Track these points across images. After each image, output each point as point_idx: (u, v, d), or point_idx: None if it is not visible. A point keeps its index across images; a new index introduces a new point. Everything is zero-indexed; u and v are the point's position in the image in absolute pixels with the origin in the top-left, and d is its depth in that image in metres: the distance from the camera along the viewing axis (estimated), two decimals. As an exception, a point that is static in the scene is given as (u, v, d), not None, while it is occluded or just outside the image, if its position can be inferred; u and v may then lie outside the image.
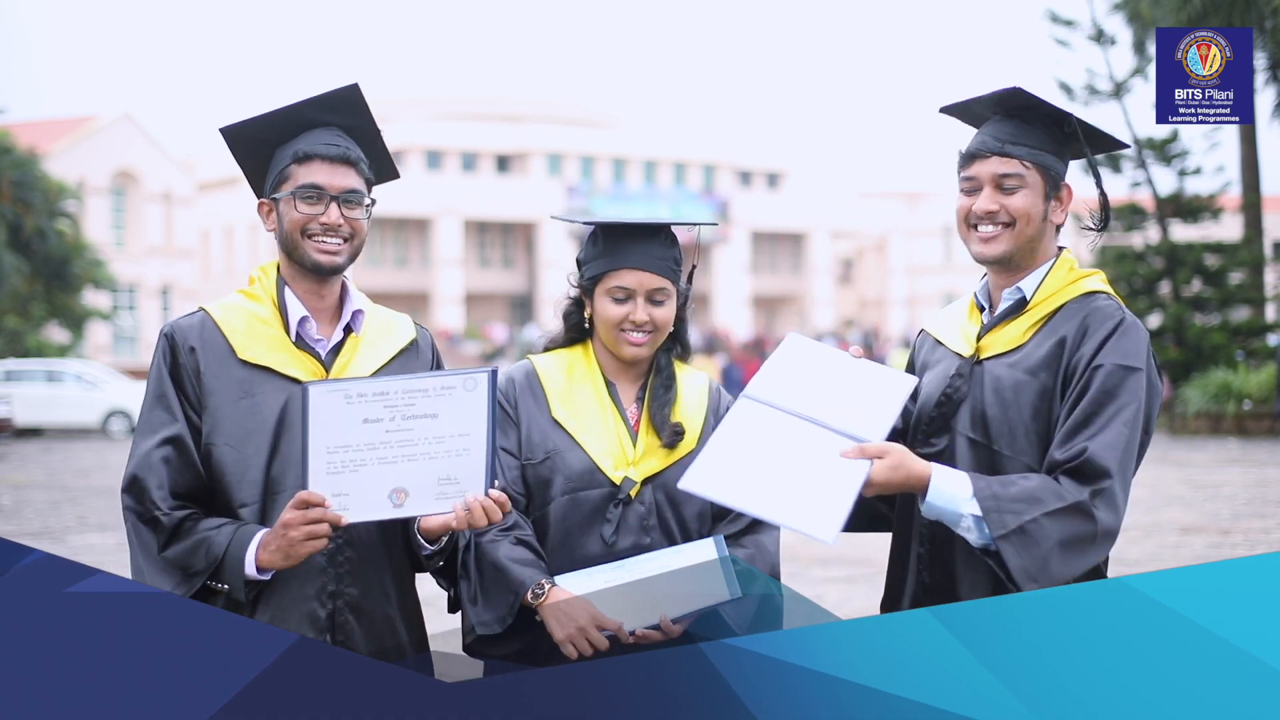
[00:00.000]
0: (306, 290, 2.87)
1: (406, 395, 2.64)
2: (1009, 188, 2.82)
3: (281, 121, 2.87)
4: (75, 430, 28.53)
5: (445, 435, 2.66)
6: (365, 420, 2.62)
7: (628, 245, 2.99)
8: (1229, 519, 12.06)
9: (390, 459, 2.64)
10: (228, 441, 2.77)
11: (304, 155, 2.83)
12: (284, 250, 2.87)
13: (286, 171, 2.84)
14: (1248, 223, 25.59)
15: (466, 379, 2.67)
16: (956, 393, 2.86)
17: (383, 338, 2.94)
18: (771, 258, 65.56)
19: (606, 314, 2.99)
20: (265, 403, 2.79)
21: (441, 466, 2.66)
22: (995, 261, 2.85)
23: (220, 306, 2.88)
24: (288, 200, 2.83)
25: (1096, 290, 2.84)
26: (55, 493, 16.61)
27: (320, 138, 2.85)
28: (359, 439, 2.61)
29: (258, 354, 2.81)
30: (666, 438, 2.97)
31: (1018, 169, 2.81)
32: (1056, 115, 2.86)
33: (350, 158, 2.85)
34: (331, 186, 2.82)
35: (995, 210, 2.82)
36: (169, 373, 2.79)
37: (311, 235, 2.82)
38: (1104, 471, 2.63)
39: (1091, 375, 2.71)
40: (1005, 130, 2.84)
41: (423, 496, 2.66)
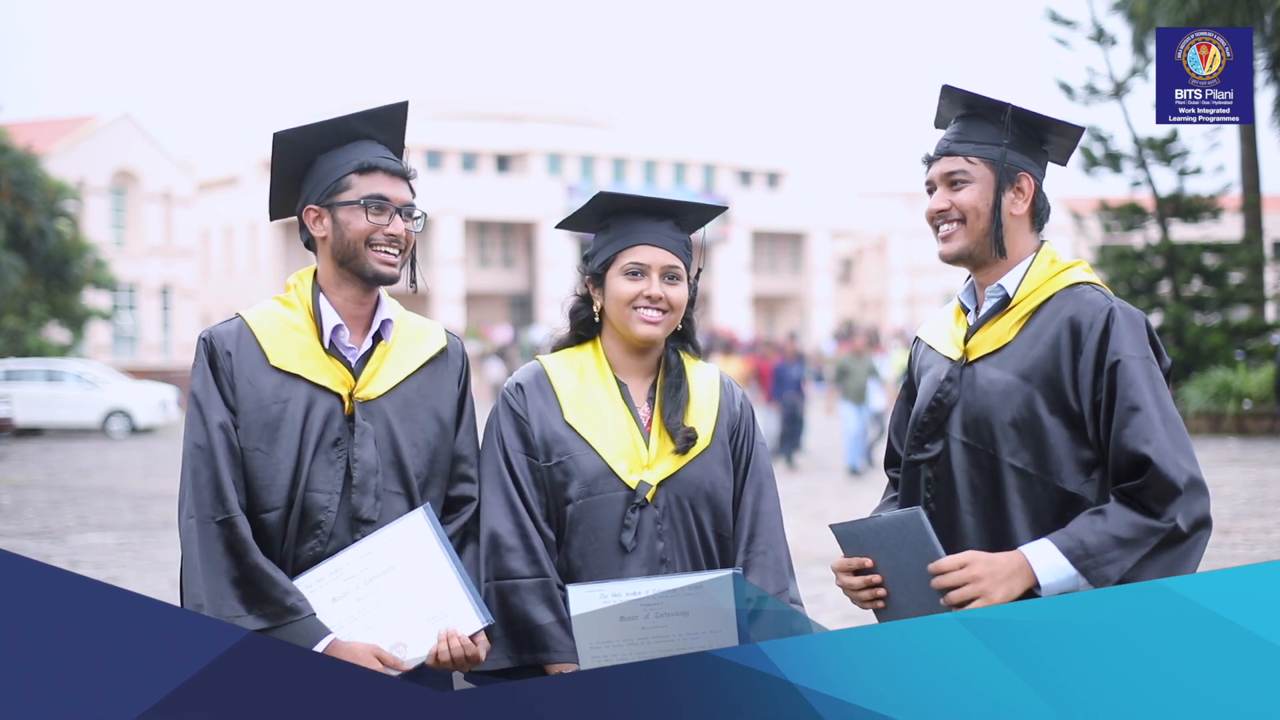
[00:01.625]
0: (349, 298, 2.90)
1: (359, 562, 2.75)
2: (956, 184, 2.86)
3: (330, 131, 2.90)
4: (75, 430, 28.52)
5: (411, 579, 2.75)
6: (334, 599, 2.73)
7: (641, 224, 3.00)
8: (1229, 519, 12.05)
9: (375, 622, 2.74)
10: (258, 446, 2.79)
11: (368, 166, 2.87)
12: (338, 258, 2.88)
13: (346, 180, 2.87)
14: (1248, 223, 25.57)
15: (404, 524, 2.78)
16: (948, 397, 2.85)
17: (411, 346, 2.96)
18: (771, 257, 65.50)
19: (620, 292, 2.97)
20: (295, 410, 2.81)
21: (424, 608, 2.75)
22: (955, 259, 2.88)
23: (256, 313, 2.91)
24: (352, 209, 2.86)
25: (1081, 281, 2.83)
26: (55, 493, 16.60)
27: (371, 150, 2.90)
28: (337, 618, 2.72)
29: (289, 361, 2.84)
30: (680, 443, 2.96)
31: (962, 165, 2.85)
32: (994, 107, 2.86)
33: (406, 173, 2.93)
34: (395, 199, 2.88)
35: (946, 208, 2.87)
36: (211, 375, 2.82)
37: (375, 245, 2.86)
38: (1174, 484, 2.61)
39: (1112, 375, 2.69)
40: (954, 130, 2.90)
41: (421, 640, 2.74)
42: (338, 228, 2.87)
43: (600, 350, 3.05)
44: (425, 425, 2.91)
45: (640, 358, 3.04)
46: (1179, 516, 2.60)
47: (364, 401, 2.85)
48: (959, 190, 2.85)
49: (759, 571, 2.96)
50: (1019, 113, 2.85)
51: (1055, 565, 2.62)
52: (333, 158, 2.89)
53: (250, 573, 2.69)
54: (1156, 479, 2.61)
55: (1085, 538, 2.61)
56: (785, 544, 3.04)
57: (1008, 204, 2.85)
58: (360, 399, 2.85)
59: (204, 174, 55.91)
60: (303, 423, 2.80)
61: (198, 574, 2.70)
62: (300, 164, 2.92)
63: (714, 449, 3.01)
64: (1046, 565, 2.62)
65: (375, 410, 2.86)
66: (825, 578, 9.39)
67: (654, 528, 2.92)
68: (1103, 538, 2.61)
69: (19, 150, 31.81)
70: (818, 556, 10.08)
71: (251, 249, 56.99)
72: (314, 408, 2.82)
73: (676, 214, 3.05)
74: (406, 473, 2.85)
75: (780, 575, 2.98)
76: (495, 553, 2.88)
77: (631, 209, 3.03)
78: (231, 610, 2.67)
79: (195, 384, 2.83)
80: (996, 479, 2.76)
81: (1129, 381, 2.68)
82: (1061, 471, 2.73)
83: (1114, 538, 2.60)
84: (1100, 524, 2.63)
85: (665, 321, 2.99)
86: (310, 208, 2.90)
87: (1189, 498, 2.61)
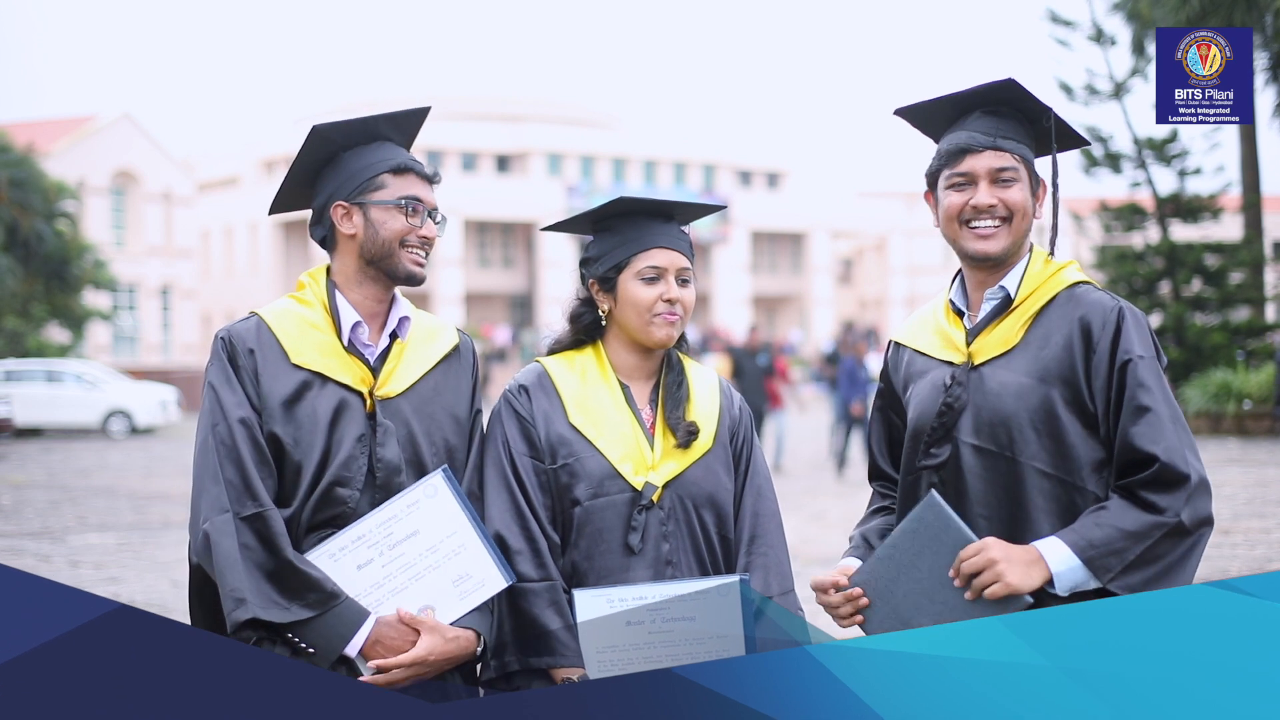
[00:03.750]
0: (370, 295, 2.91)
1: (382, 528, 2.77)
2: (1005, 180, 2.80)
3: (358, 129, 2.91)
4: (75, 430, 28.53)
5: (435, 543, 2.78)
6: (359, 567, 2.75)
7: (653, 226, 3.00)
8: (1229, 519, 12.05)
9: (401, 587, 2.77)
10: (281, 444, 2.79)
11: (404, 168, 2.89)
12: (368, 257, 2.88)
13: (379, 180, 2.88)
14: (1248, 223, 25.57)
15: (425, 487, 2.80)
16: (957, 401, 2.81)
17: (426, 344, 2.97)
18: (771, 258, 65.51)
19: (638, 297, 2.96)
20: (317, 407, 2.81)
21: (449, 571, 2.78)
22: (993, 258, 2.81)
23: (273, 312, 2.91)
24: (388, 209, 2.86)
25: (1080, 281, 2.83)
26: (55, 493, 16.60)
27: (395, 152, 2.91)
28: (362, 584, 2.74)
29: (310, 359, 2.84)
30: (681, 437, 2.96)
31: (1011, 163, 2.80)
32: (1038, 111, 2.84)
33: (434, 177, 2.94)
34: (428, 201, 2.90)
35: (994, 204, 2.79)
36: (233, 372, 2.81)
37: (409, 246, 2.87)
38: (1182, 476, 2.62)
39: (1123, 374, 2.70)
40: (990, 125, 2.82)
41: (448, 603, 2.78)
42: (370, 226, 2.87)
43: (602, 353, 3.04)
44: (443, 423, 2.91)
45: (645, 360, 3.03)
46: (1183, 511, 2.61)
47: (384, 400, 2.85)
48: (1009, 188, 2.80)
49: (761, 573, 2.96)
50: (1060, 122, 2.83)
51: (1063, 556, 2.63)
52: (362, 156, 2.89)
53: (287, 565, 2.69)
54: (1164, 471, 2.62)
55: (1090, 532, 2.63)
56: (785, 547, 3.04)
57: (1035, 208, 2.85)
58: (380, 397, 2.85)
59: (204, 174, 55.94)
60: (327, 421, 2.80)
61: (236, 569, 2.67)
62: (324, 159, 2.92)
63: (716, 451, 3.00)
64: (1056, 558, 2.63)
65: (395, 409, 2.86)
66: (825, 578, 9.38)
67: (660, 529, 2.91)
68: (1108, 531, 2.62)
69: (18, 150, 31.81)
70: (818, 557, 10.08)
71: (251, 249, 56.97)
72: (337, 406, 2.81)
73: (678, 215, 3.05)
74: (426, 471, 2.86)
75: (783, 577, 2.98)
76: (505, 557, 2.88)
77: (642, 212, 3.02)
78: (273, 600, 2.67)
79: (215, 381, 2.80)
80: (1016, 481, 2.74)
81: (1139, 381, 2.68)
82: (1081, 471, 2.72)
83: (1119, 530, 2.62)
84: (1105, 517, 2.64)
85: (679, 323, 2.99)
86: (340, 204, 2.89)
87: (1194, 494, 2.62)
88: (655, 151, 61.74)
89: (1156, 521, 2.61)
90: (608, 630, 2.68)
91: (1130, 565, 2.60)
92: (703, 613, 2.65)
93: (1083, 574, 2.62)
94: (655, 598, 2.73)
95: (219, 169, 58.54)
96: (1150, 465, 2.63)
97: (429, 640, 2.74)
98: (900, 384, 2.98)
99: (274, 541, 2.69)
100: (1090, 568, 2.61)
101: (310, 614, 2.68)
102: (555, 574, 2.87)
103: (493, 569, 2.79)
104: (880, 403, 3.06)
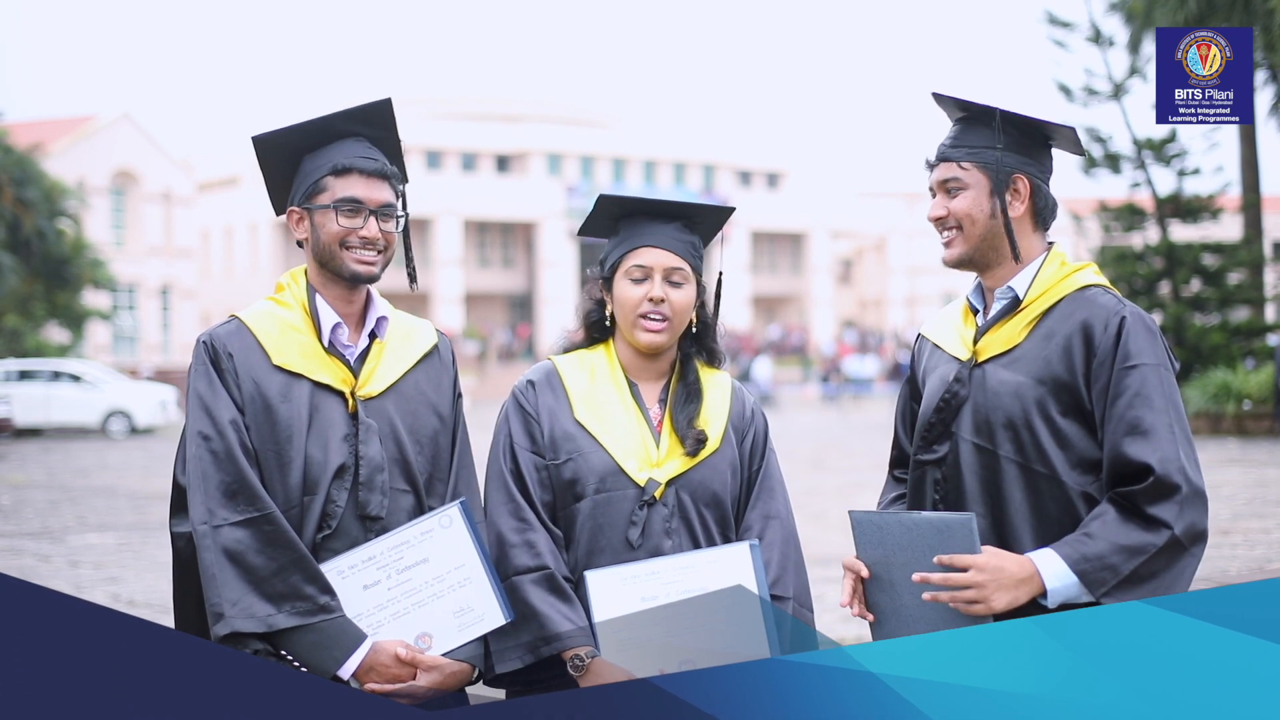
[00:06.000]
0: (336, 297, 2.91)
1: (393, 552, 2.78)
2: (952, 190, 2.86)
3: (312, 131, 2.90)
4: (75, 430, 28.53)
5: (442, 573, 2.79)
6: (365, 586, 2.76)
7: (646, 226, 3.01)
8: (1229, 519, 12.05)
9: (403, 611, 2.78)
10: (265, 446, 2.79)
11: (343, 168, 2.86)
12: (318, 259, 2.89)
13: (323, 183, 2.87)
14: (1247, 223, 25.57)
15: (440, 518, 2.81)
16: (955, 397, 2.84)
17: (405, 344, 2.97)
18: (771, 258, 65.52)
19: (625, 297, 2.98)
20: (300, 409, 2.81)
21: (452, 602, 2.79)
22: (956, 265, 2.88)
23: (253, 314, 2.91)
24: (326, 212, 2.86)
25: (1091, 284, 2.83)
26: (55, 493, 16.61)
27: (353, 150, 2.88)
28: (366, 605, 2.76)
29: (291, 360, 2.84)
30: (690, 446, 2.96)
31: (956, 172, 2.85)
32: (983, 112, 2.86)
33: (385, 172, 2.89)
34: (370, 200, 2.86)
35: (943, 215, 2.87)
36: (216, 375, 2.80)
37: (350, 247, 2.86)
38: (1175, 487, 2.61)
39: (1122, 380, 2.69)
40: (949, 136, 2.90)
41: (446, 633, 2.79)
42: (314, 230, 2.88)
43: (613, 351, 3.06)
44: (426, 422, 2.92)
45: (651, 361, 3.04)
46: (1177, 524, 2.59)
47: (366, 400, 2.86)
48: (954, 197, 2.85)
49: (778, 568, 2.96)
50: (1008, 116, 2.84)
51: (1059, 572, 2.62)
52: (314, 159, 2.89)
53: (303, 559, 2.70)
54: (1158, 483, 2.61)
55: (1084, 546, 2.62)
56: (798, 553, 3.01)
57: (1006, 208, 2.83)
58: (362, 397, 2.86)
59: (204, 174, 55.91)
60: (309, 422, 2.81)
61: (215, 582, 2.67)
62: (288, 165, 2.92)
63: (723, 451, 3.00)
64: (1051, 572, 2.62)
65: (377, 408, 2.86)
66: (825, 578, 9.39)
67: (662, 525, 2.92)
68: (1101, 544, 2.61)
69: (19, 150, 31.81)
70: (818, 557, 10.07)
71: (251, 249, 56.97)
72: (319, 407, 2.82)
73: (685, 216, 3.04)
74: (411, 469, 2.87)
75: (800, 574, 2.98)
76: (501, 552, 2.89)
77: (638, 211, 3.03)
78: (252, 613, 2.65)
79: (199, 387, 2.80)
80: (1006, 480, 2.76)
81: (1138, 388, 2.68)
82: (1070, 473, 2.72)
83: (1112, 545, 2.60)
84: (1099, 529, 2.63)
85: (669, 328, 2.98)
86: (292, 210, 2.91)
87: (1189, 506, 2.61)
88: (655, 151, 61.75)
89: (1149, 540, 2.59)
90: (624, 619, 2.73)
91: (1124, 581, 2.59)
92: (717, 580, 2.73)
93: (1076, 589, 2.61)
94: (666, 569, 2.77)
95: (219, 169, 58.48)
96: (1146, 476, 2.62)
97: (426, 679, 2.75)
98: (921, 376, 3.02)
99: (284, 538, 2.70)
100: (1084, 582, 2.60)
101: (298, 621, 2.67)
102: (550, 562, 2.88)
103: (494, 605, 2.80)
104: (907, 390, 3.10)
